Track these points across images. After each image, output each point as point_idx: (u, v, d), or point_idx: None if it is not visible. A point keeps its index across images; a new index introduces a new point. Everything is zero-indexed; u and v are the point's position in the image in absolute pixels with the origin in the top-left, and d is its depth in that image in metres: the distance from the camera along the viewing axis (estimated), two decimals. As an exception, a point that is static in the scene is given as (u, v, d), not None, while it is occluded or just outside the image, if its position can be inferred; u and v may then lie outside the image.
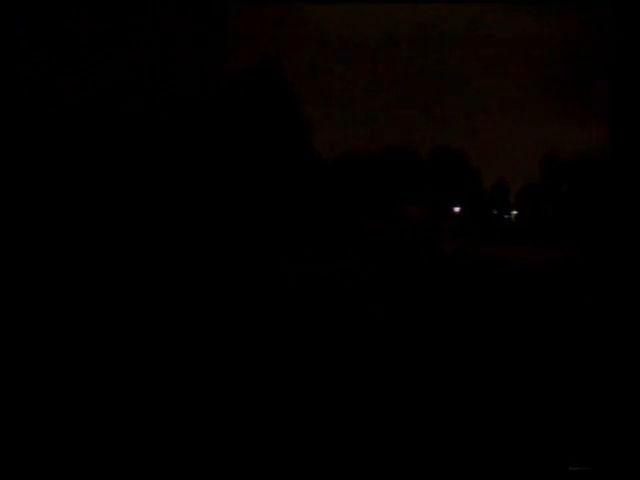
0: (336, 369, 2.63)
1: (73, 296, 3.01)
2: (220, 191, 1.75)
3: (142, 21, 1.76)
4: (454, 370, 2.56)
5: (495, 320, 3.93)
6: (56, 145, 1.74)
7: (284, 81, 1.82)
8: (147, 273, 1.79)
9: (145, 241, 1.74)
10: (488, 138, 1.87)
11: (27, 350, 2.50)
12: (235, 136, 1.75)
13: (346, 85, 1.64)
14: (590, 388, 2.17)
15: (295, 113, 1.76)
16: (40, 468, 1.76)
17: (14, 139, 1.92)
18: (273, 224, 1.99)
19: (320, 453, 1.87)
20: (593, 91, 1.58)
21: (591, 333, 3.55)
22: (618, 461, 1.77)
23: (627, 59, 1.66)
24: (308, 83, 1.67)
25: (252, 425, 1.94)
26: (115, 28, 1.74)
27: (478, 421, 1.97)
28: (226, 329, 3.27)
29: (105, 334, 2.75)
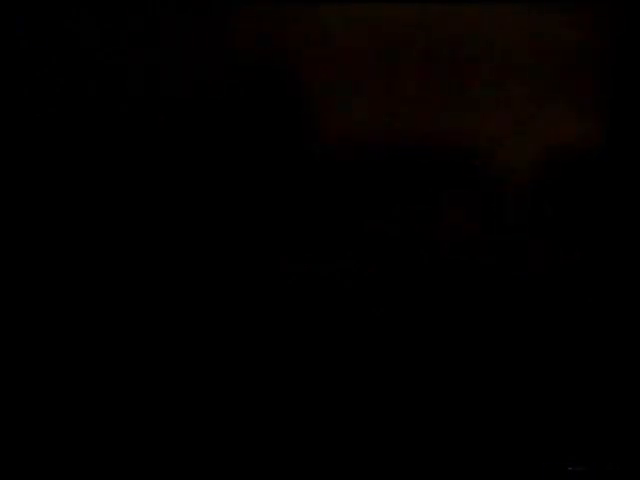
0: (336, 369, 2.63)
1: (72, 295, 3.00)
2: (220, 191, 1.75)
3: (141, 20, 1.77)
4: (454, 370, 2.56)
5: (495, 319, 3.92)
6: (55, 144, 1.75)
7: (285, 81, 1.81)
8: (145, 272, 1.78)
9: (143, 240, 1.74)
10: (488, 138, 1.86)
11: (27, 350, 2.49)
12: (235, 136, 1.75)
13: (347, 84, 1.64)
14: (590, 388, 2.17)
15: (296, 113, 1.76)
16: (40, 468, 1.77)
17: (14, 139, 1.93)
18: (273, 224, 1.98)
19: (320, 453, 1.87)
20: (594, 91, 1.58)
21: (591, 333, 3.55)
22: (618, 461, 1.78)
23: (628, 58, 1.66)
24: (309, 83, 1.66)
25: (252, 425, 1.95)
26: (114, 28, 1.74)
27: (477, 421, 1.97)
28: (226, 329, 3.27)
29: (104, 334, 2.74)
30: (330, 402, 1.95)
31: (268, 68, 1.77)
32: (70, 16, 1.72)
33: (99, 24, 1.73)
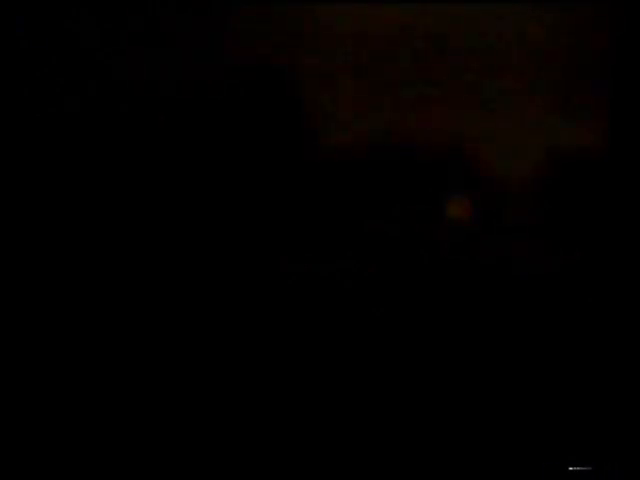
0: (336, 369, 2.62)
1: (70, 296, 2.99)
2: (219, 190, 1.75)
3: (141, 20, 1.76)
4: (454, 370, 2.55)
5: (496, 320, 3.90)
6: (53, 144, 1.75)
7: (285, 81, 1.80)
8: (144, 273, 1.78)
9: (143, 240, 1.74)
10: (488, 138, 1.86)
11: (27, 350, 2.48)
12: (235, 135, 1.74)
13: (347, 84, 1.63)
14: (591, 388, 2.17)
15: (296, 113, 1.75)
16: (40, 468, 1.76)
17: (14, 139, 1.92)
18: (273, 223, 1.98)
19: (320, 453, 1.86)
20: (594, 90, 1.58)
21: (592, 333, 3.54)
22: (620, 461, 1.77)
23: (628, 56, 1.66)
24: (309, 82, 1.66)
25: (252, 425, 1.94)
26: (114, 27, 1.74)
27: (477, 422, 1.97)
28: (225, 329, 3.25)
29: (103, 334, 2.73)
30: (330, 400, 1.94)
31: (267, 68, 1.76)
32: (70, 16, 1.71)
33: (99, 24, 1.72)
